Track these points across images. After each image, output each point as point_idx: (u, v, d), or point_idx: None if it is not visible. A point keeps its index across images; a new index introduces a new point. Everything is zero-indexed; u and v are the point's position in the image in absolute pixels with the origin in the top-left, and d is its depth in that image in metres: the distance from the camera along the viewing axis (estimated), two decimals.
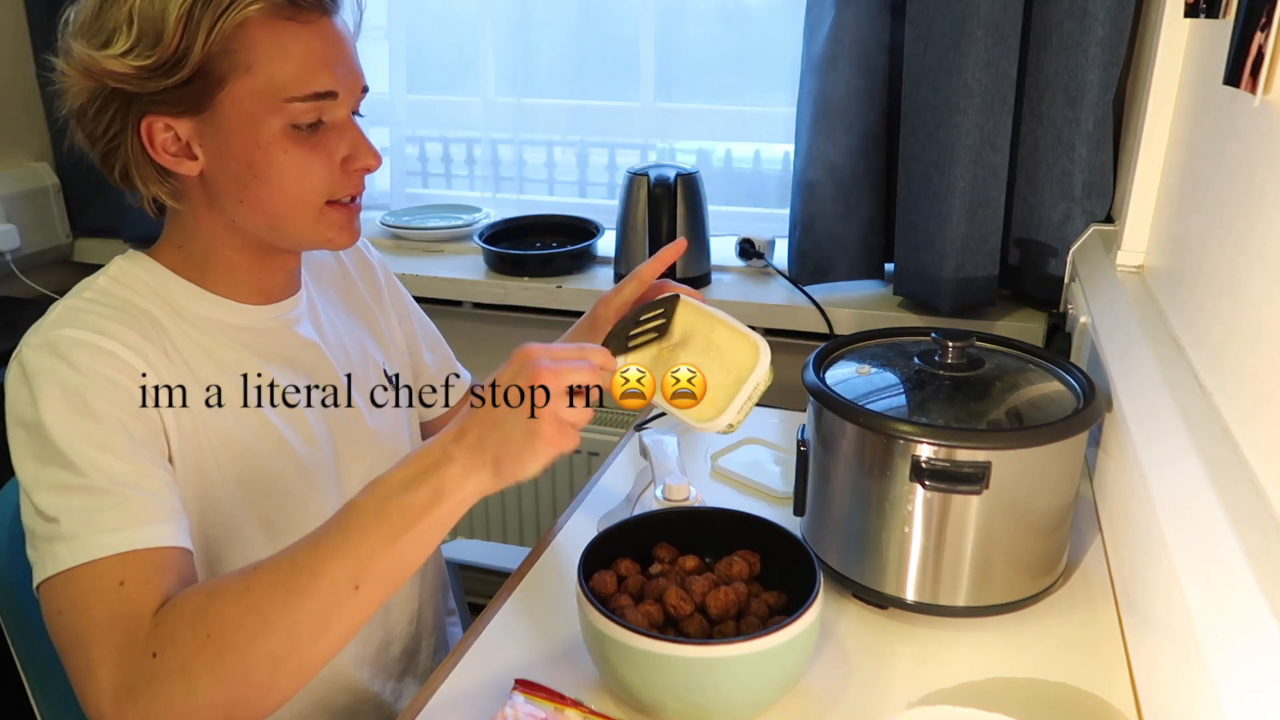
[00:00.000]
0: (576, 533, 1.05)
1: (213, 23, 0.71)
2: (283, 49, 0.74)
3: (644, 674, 0.72)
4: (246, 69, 0.74)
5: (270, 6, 0.73)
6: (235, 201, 0.79)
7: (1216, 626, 0.54)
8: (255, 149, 0.76)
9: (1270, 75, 0.67)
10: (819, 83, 1.40)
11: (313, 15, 0.76)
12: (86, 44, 0.73)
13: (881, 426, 0.83)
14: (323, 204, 0.80)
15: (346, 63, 0.79)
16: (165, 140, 0.76)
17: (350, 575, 0.63)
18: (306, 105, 0.76)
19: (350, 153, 0.80)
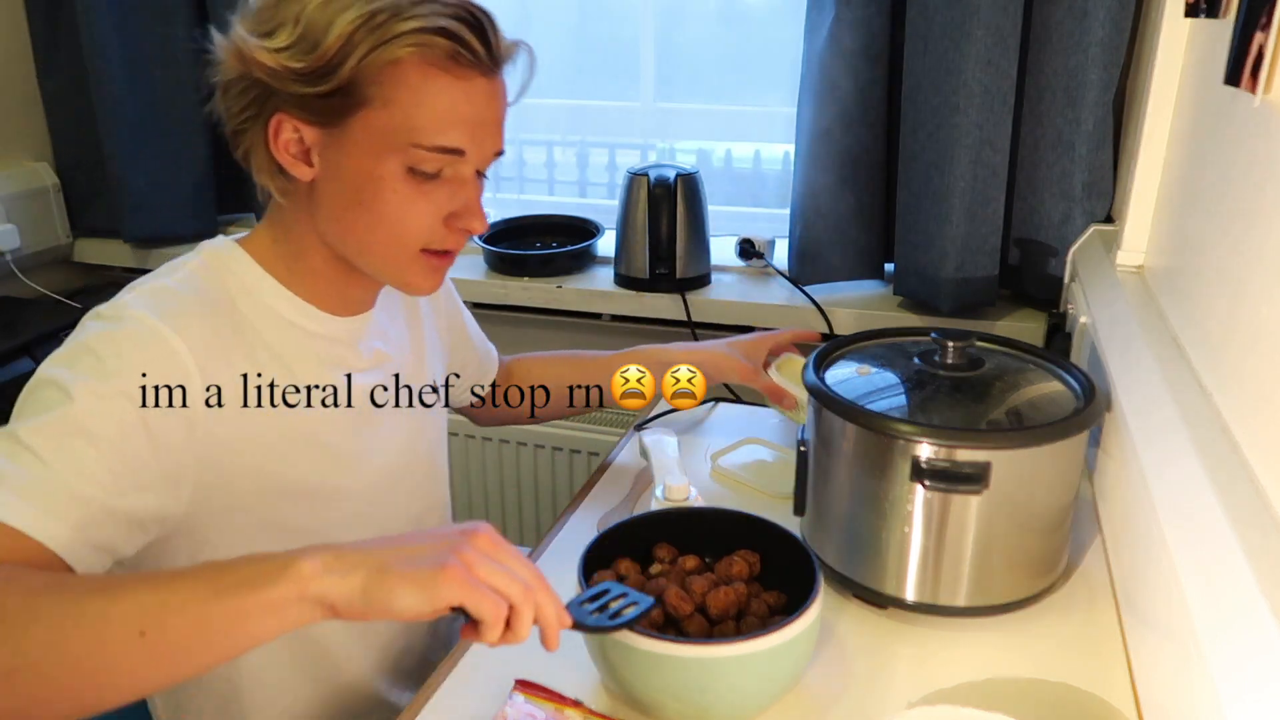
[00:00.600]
0: (576, 533, 1.05)
1: (369, 49, 0.72)
2: (427, 96, 0.75)
3: (644, 674, 0.72)
4: (386, 102, 0.74)
5: (429, 53, 0.73)
6: (334, 219, 0.80)
7: (1216, 626, 0.54)
8: (368, 178, 0.77)
9: (1270, 75, 0.67)
10: (819, 83, 1.40)
11: (469, 73, 0.76)
12: (249, 29, 0.75)
13: (881, 426, 0.83)
14: (417, 250, 0.81)
15: (487, 126, 0.79)
16: (289, 140, 0.77)
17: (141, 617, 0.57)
18: (430, 155, 0.76)
19: (458, 210, 0.80)
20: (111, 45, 1.70)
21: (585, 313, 1.64)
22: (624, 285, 1.60)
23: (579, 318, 1.66)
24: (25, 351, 1.61)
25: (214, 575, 0.58)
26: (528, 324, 1.71)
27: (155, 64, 1.74)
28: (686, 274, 1.57)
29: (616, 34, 1.71)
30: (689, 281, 1.57)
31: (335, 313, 0.86)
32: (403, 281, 0.84)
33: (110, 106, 1.72)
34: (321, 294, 0.85)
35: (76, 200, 1.90)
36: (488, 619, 0.60)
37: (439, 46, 0.73)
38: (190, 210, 1.83)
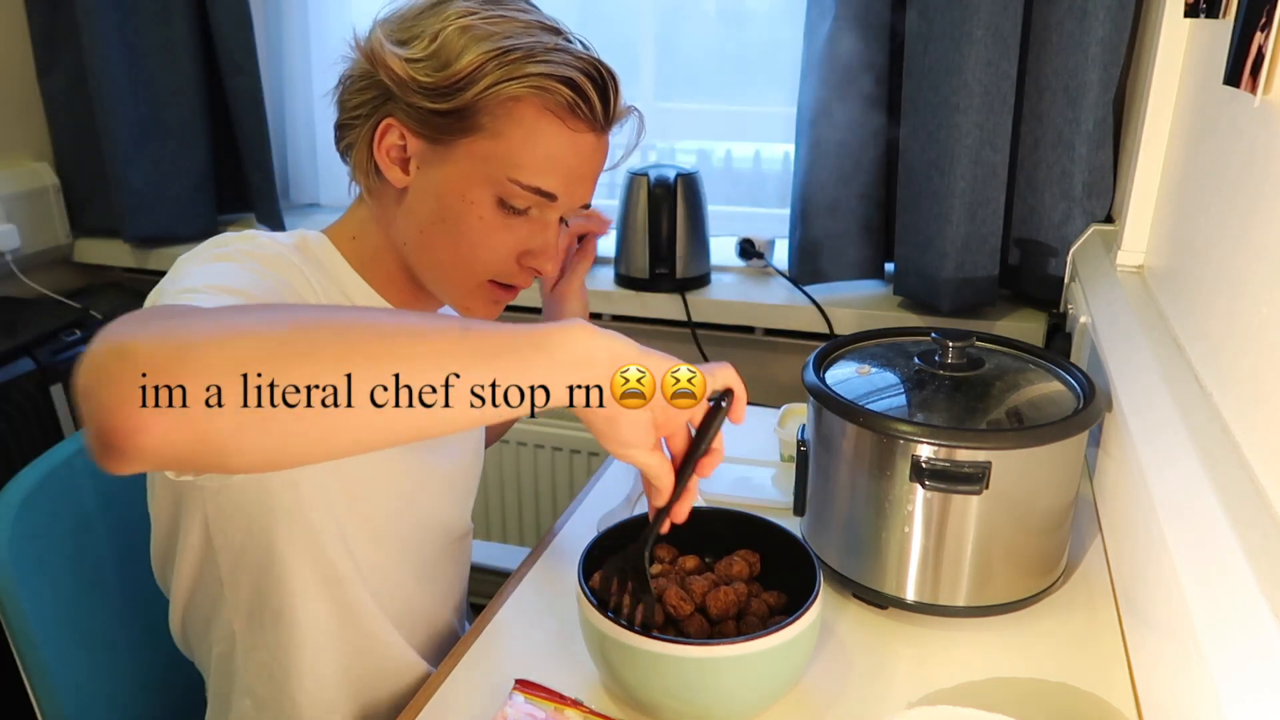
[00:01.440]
0: (576, 533, 1.05)
1: (495, 82, 0.75)
2: (537, 137, 0.77)
3: (643, 674, 0.72)
4: (496, 134, 0.77)
5: (549, 99, 0.76)
6: (414, 230, 0.82)
7: (1216, 626, 0.54)
8: (457, 199, 0.79)
9: (1270, 75, 0.67)
10: (819, 83, 1.40)
11: (581, 126, 0.79)
12: (387, 34, 0.77)
13: (881, 426, 0.83)
14: (485, 279, 0.83)
15: (584, 179, 0.82)
16: (392, 145, 0.80)
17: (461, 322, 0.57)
18: (524, 193, 0.79)
19: (534, 250, 0.82)
20: (111, 45, 1.70)
21: None
22: (624, 285, 1.60)
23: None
24: (25, 351, 1.61)
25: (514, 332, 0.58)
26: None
27: (155, 64, 1.74)
28: (686, 274, 1.57)
29: (616, 34, 1.71)
30: (689, 281, 1.57)
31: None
32: (463, 305, 0.86)
33: (110, 106, 1.72)
34: (395, 295, 0.87)
35: (76, 200, 1.90)
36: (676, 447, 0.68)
37: (560, 94, 0.76)
38: (190, 210, 1.83)
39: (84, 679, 0.95)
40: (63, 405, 1.67)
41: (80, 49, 1.71)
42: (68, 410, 1.68)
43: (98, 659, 0.97)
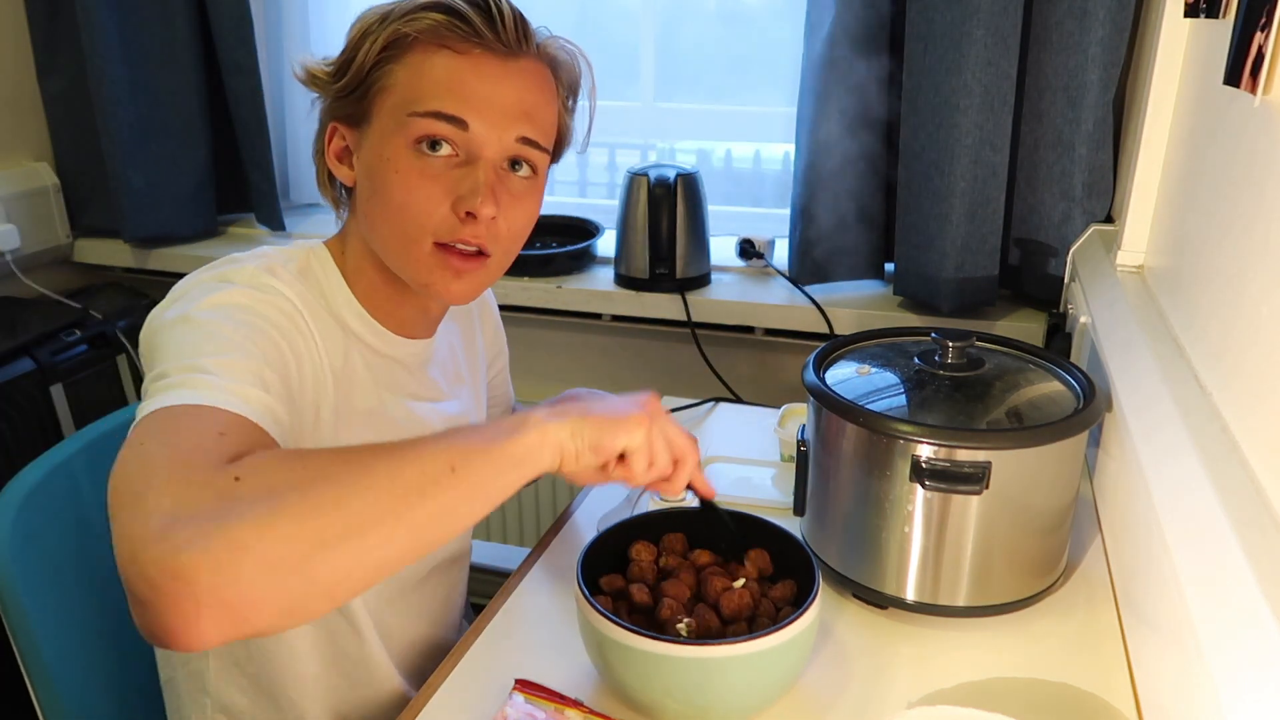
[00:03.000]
0: (576, 533, 1.05)
1: (379, 35, 0.77)
2: (425, 69, 0.77)
3: (641, 674, 0.72)
4: (393, 84, 0.77)
5: (433, 31, 0.76)
6: (362, 215, 0.82)
7: (1216, 626, 0.54)
8: (379, 162, 0.79)
9: (1270, 75, 0.67)
10: (819, 83, 1.40)
11: (473, 49, 0.77)
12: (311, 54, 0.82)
13: (881, 426, 0.83)
14: (430, 242, 0.79)
15: (498, 105, 0.77)
16: (338, 147, 0.82)
17: (449, 457, 0.60)
18: (425, 120, 0.76)
19: (463, 193, 0.77)
20: (111, 45, 1.70)
21: (585, 313, 1.64)
22: (624, 285, 1.60)
23: (579, 318, 1.65)
24: (25, 351, 1.61)
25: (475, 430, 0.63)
26: (527, 324, 1.71)
27: (155, 64, 1.74)
28: (686, 274, 1.57)
29: (616, 34, 1.71)
30: (689, 281, 1.57)
31: (400, 333, 0.88)
32: (423, 282, 0.81)
33: (110, 106, 1.71)
34: (384, 310, 0.86)
35: (76, 200, 1.90)
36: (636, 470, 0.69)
37: (434, 20, 0.76)
38: (190, 210, 1.83)
39: (84, 678, 0.95)
40: (63, 405, 1.67)
41: (80, 49, 1.71)
42: (68, 410, 1.68)
43: (97, 658, 0.97)
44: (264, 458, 0.59)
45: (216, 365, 0.66)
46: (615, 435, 0.67)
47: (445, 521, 0.60)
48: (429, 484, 0.59)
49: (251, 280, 0.75)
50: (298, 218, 1.92)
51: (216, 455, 0.58)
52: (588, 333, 1.74)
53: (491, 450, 0.62)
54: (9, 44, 1.81)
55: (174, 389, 0.63)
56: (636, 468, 0.69)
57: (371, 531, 0.56)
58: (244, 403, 0.64)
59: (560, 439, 0.65)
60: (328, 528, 0.54)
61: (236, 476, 0.56)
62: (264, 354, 0.70)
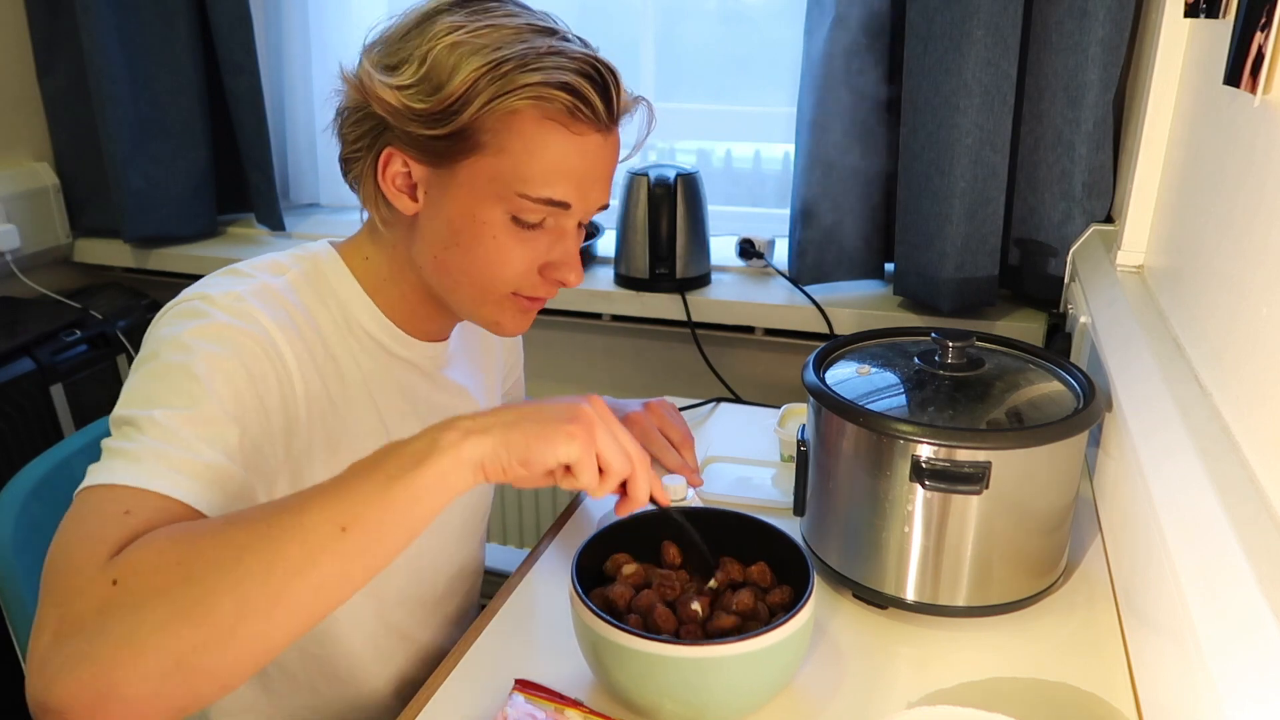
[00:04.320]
0: (576, 533, 1.05)
1: (490, 98, 0.73)
2: (540, 148, 0.75)
3: (636, 675, 0.72)
4: (499, 150, 0.75)
5: (548, 107, 0.74)
6: (430, 255, 0.80)
7: (1216, 626, 0.54)
8: (469, 221, 0.77)
9: (1270, 75, 0.67)
10: (819, 83, 1.40)
11: (585, 129, 0.76)
12: (374, 61, 0.75)
13: (881, 426, 0.83)
14: (508, 293, 0.81)
15: (597, 181, 0.80)
16: (396, 175, 0.78)
17: (338, 515, 0.58)
18: (536, 206, 0.77)
19: (555, 261, 0.80)
20: (111, 45, 1.70)
21: (585, 312, 1.64)
22: (624, 285, 1.60)
23: (579, 317, 1.65)
24: (25, 351, 1.61)
25: (375, 468, 0.60)
26: None
27: (155, 64, 1.74)
28: (686, 274, 1.57)
29: (616, 34, 1.71)
30: (689, 281, 1.57)
31: (416, 336, 0.88)
32: (491, 322, 0.84)
33: (110, 106, 1.71)
34: (405, 316, 0.86)
35: (76, 200, 1.90)
36: (586, 484, 0.64)
37: (559, 100, 0.74)
38: (190, 210, 1.83)
39: None
40: (63, 405, 1.67)
41: (80, 49, 1.71)
42: (68, 410, 1.68)
43: None
44: (145, 549, 0.58)
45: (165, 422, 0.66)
46: (547, 448, 0.61)
47: (343, 581, 0.59)
48: (314, 555, 0.57)
49: (232, 309, 0.73)
50: (298, 218, 1.92)
51: (106, 548, 0.58)
52: (588, 333, 1.74)
53: (390, 493, 0.58)
54: (9, 43, 1.81)
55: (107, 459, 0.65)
56: (583, 480, 0.64)
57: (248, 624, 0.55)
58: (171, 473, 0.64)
59: (479, 456, 0.60)
60: (197, 633, 0.54)
61: (114, 579, 0.56)
62: (224, 402, 0.69)
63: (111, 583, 0.56)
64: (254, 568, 0.56)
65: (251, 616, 0.55)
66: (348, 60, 0.78)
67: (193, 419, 0.67)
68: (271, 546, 0.56)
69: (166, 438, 0.65)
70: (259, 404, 0.73)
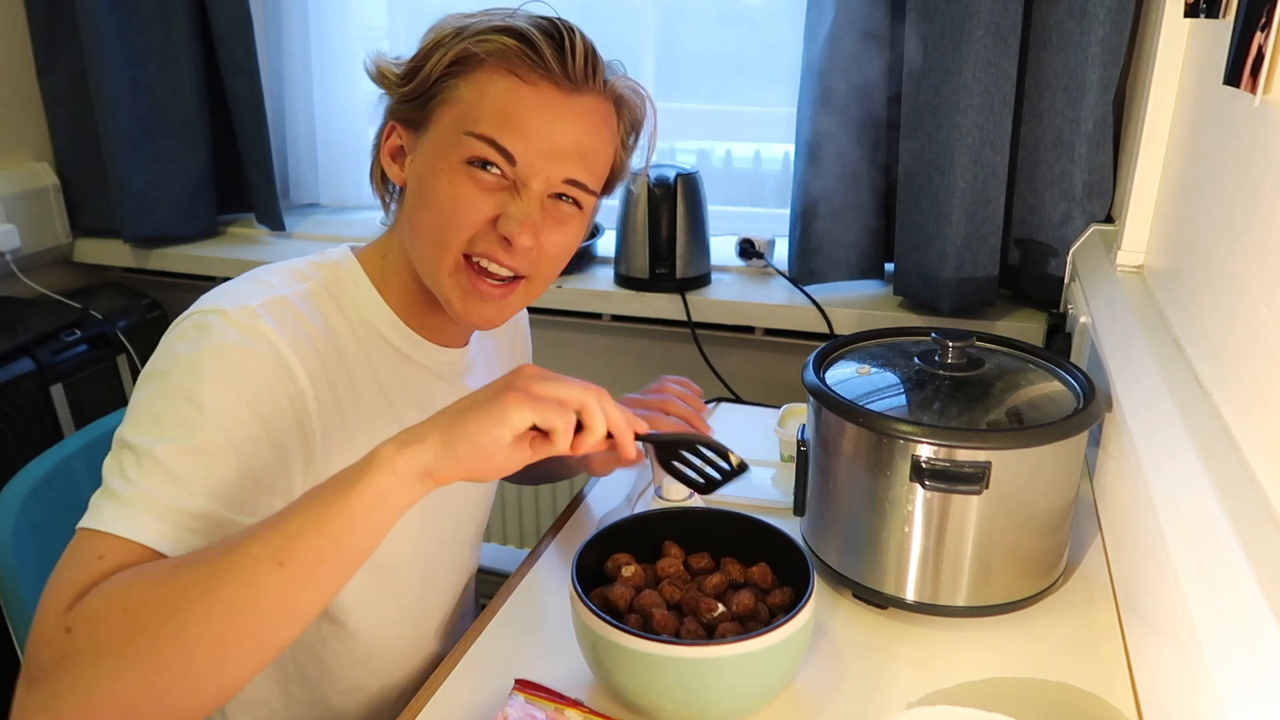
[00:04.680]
0: (576, 533, 1.05)
1: (448, 49, 0.77)
2: (488, 91, 0.77)
3: (636, 675, 0.72)
4: (456, 99, 0.78)
5: (502, 55, 0.76)
6: (405, 219, 0.83)
7: (1216, 626, 0.54)
8: (430, 171, 0.79)
9: (1270, 75, 0.67)
10: (819, 83, 1.40)
11: (538, 80, 0.77)
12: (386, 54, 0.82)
13: (881, 426, 0.83)
14: (459, 255, 0.79)
15: (552, 141, 0.77)
16: (393, 145, 0.83)
17: (273, 551, 0.58)
18: (480, 144, 0.76)
19: (507, 213, 0.77)
20: (111, 45, 1.70)
21: (585, 313, 1.64)
22: (624, 285, 1.60)
23: (579, 318, 1.65)
24: (25, 351, 1.61)
25: (314, 496, 0.60)
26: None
27: (155, 64, 1.74)
28: (686, 274, 1.57)
29: (616, 34, 1.71)
30: (689, 281, 1.57)
31: (434, 340, 0.88)
32: (446, 297, 0.81)
33: (110, 106, 1.72)
34: (419, 317, 0.86)
35: (76, 200, 1.90)
36: (557, 426, 0.62)
37: (506, 45, 0.76)
38: (190, 210, 1.83)
39: None
40: (63, 405, 1.67)
41: (80, 49, 1.71)
42: (68, 410, 1.68)
43: None
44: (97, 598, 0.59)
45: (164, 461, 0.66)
46: (494, 425, 0.60)
47: (292, 613, 0.59)
48: (254, 595, 0.58)
49: (244, 326, 0.73)
50: (298, 218, 1.91)
51: (72, 594, 0.60)
52: (588, 333, 1.74)
53: (324, 520, 0.58)
54: (9, 43, 1.81)
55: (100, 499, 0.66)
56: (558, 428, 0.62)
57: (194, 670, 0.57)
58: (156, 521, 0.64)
59: (420, 464, 0.60)
60: (149, 680, 0.57)
61: (68, 628, 0.58)
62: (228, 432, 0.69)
63: (66, 630, 0.58)
64: (195, 613, 0.57)
65: (198, 661, 0.57)
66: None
67: (192, 453, 0.67)
68: (212, 590, 0.58)
69: (160, 481, 0.66)
70: (264, 431, 0.72)
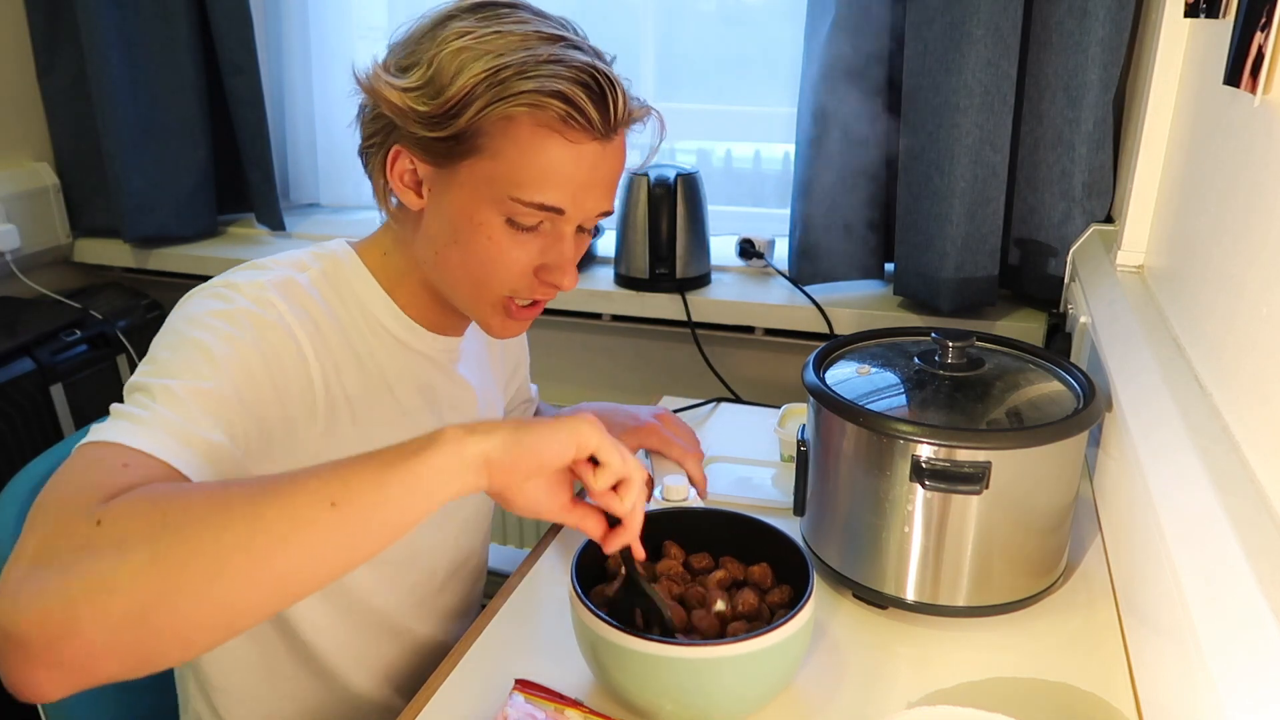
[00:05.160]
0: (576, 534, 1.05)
1: (487, 104, 0.74)
2: (534, 154, 0.76)
3: (636, 675, 0.72)
4: (495, 154, 0.76)
5: (542, 114, 0.75)
6: (432, 251, 0.83)
7: (1216, 626, 0.54)
8: (467, 222, 0.79)
9: (1270, 75, 0.67)
10: (819, 83, 1.40)
11: (580, 137, 0.77)
12: (386, 64, 0.78)
13: (881, 426, 0.83)
14: (502, 295, 0.83)
15: (593, 188, 0.80)
16: (404, 171, 0.81)
17: (330, 492, 0.57)
18: (528, 210, 0.78)
19: (550, 265, 0.82)
20: (111, 45, 1.70)
21: (585, 312, 1.64)
22: (624, 285, 1.60)
23: (579, 317, 1.65)
24: (25, 351, 1.61)
25: (376, 456, 0.59)
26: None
27: (155, 64, 1.74)
28: (686, 274, 1.57)
29: (617, 34, 1.71)
30: (689, 281, 1.57)
31: (433, 330, 0.90)
32: (483, 322, 0.86)
33: (110, 106, 1.72)
34: (421, 311, 0.88)
35: (76, 200, 1.90)
36: (614, 465, 0.64)
37: (553, 108, 0.75)
38: (190, 210, 1.83)
39: None
40: (63, 405, 1.67)
41: (80, 49, 1.71)
42: (68, 410, 1.68)
43: None
44: (135, 498, 0.58)
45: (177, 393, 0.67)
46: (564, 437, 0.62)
47: (323, 562, 0.58)
48: (300, 527, 0.56)
49: (255, 297, 0.75)
50: (298, 217, 1.91)
51: (99, 494, 0.58)
52: (588, 333, 1.74)
53: (385, 477, 0.58)
54: (9, 43, 1.81)
55: (114, 420, 0.65)
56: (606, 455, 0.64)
57: (219, 582, 0.55)
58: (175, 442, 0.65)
59: (483, 452, 0.60)
60: (168, 583, 0.54)
61: (99, 520, 0.56)
62: (238, 386, 0.71)
63: (96, 523, 0.56)
64: (238, 529, 0.56)
65: (225, 577, 0.55)
66: (359, 61, 0.80)
67: (204, 395, 0.68)
68: (258, 511, 0.56)
69: (176, 408, 0.66)
70: (273, 391, 0.74)
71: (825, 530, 0.92)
